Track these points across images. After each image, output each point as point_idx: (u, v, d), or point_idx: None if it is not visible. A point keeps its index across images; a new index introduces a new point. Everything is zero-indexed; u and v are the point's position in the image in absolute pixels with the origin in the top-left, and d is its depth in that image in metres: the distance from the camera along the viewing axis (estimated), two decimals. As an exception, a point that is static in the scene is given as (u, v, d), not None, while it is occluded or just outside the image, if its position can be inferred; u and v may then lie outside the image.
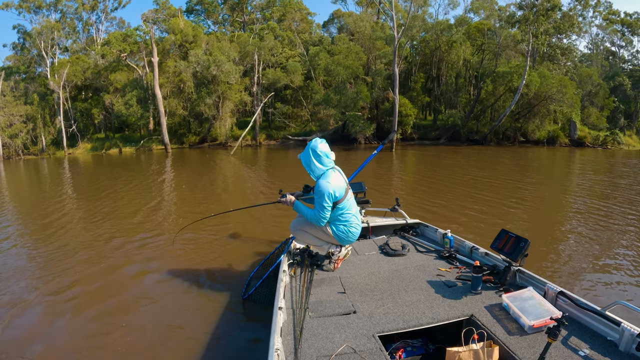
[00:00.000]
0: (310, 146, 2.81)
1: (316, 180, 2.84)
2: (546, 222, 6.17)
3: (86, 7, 31.65)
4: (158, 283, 3.88)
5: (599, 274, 3.96)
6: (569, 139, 27.02)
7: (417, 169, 13.95)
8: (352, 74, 23.30)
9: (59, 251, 4.88)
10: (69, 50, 31.90)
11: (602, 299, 3.32)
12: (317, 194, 2.75)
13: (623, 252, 4.65)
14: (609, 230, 5.58)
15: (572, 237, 5.27)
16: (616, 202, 7.51)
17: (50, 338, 2.92)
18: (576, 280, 3.84)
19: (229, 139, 24.95)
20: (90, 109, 27.90)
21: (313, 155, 2.79)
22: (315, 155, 2.79)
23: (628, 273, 4.00)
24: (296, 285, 2.66)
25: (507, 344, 1.89)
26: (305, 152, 2.85)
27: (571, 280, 3.83)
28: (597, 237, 5.24)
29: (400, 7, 27.20)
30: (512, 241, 2.55)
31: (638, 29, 32.60)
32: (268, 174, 12.49)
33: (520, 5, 24.54)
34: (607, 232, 5.48)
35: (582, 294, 3.43)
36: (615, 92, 30.15)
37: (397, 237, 3.63)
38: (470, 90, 28.28)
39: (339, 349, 1.90)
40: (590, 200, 7.76)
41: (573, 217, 6.42)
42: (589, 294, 3.50)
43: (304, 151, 2.86)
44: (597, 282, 3.77)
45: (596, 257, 4.46)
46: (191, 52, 24.01)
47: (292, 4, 30.56)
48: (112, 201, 8.22)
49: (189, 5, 31.67)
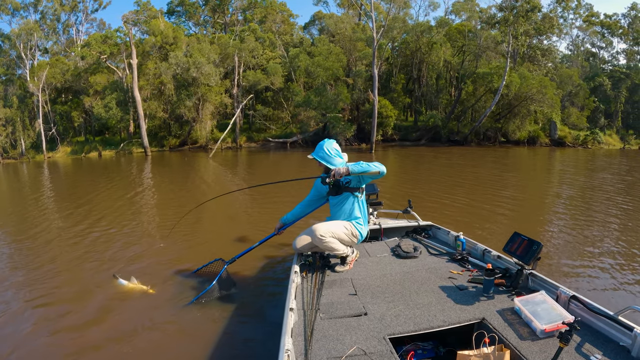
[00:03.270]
0: (324, 144, 3.05)
1: (340, 164, 3.02)
2: (549, 222, 6.15)
3: (66, 8, 31.20)
4: (156, 286, 3.77)
5: (611, 278, 3.89)
6: (550, 139, 27.30)
7: (399, 169, 14.00)
8: (332, 76, 23.29)
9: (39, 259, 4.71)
10: (49, 52, 31.44)
11: (614, 304, 3.25)
12: (359, 165, 2.90)
13: (637, 255, 4.54)
14: (620, 231, 5.49)
15: (574, 236, 5.20)
16: (620, 202, 7.49)
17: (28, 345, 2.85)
18: (587, 283, 3.75)
19: (209, 142, 24.77)
20: (70, 112, 27.52)
21: (332, 151, 3.04)
22: (335, 151, 3.05)
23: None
24: (307, 286, 2.67)
25: (519, 348, 1.87)
26: (320, 149, 3.06)
27: (582, 283, 3.76)
28: (606, 238, 5.15)
29: (381, 8, 27.29)
30: (524, 244, 2.51)
31: (618, 31, 33.05)
32: (251, 177, 12.21)
33: (501, 7, 24.75)
34: (617, 233, 5.40)
35: (594, 298, 3.35)
36: (596, 93, 30.53)
37: (409, 239, 3.61)
38: (451, 91, 28.46)
39: (349, 351, 1.90)
40: (585, 200, 7.79)
41: (573, 217, 6.40)
42: (601, 298, 3.43)
43: (320, 150, 3.05)
44: (609, 286, 3.71)
45: (608, 260, 4.37)
46: (171, 53, 23.79)
47: (275, 6, 30.46)
48: (82, 207, 8.04)
49: (170, 6, 31.41)
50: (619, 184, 10.11)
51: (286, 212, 3.44)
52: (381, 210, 4.07)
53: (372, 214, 3.96)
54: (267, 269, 4.16)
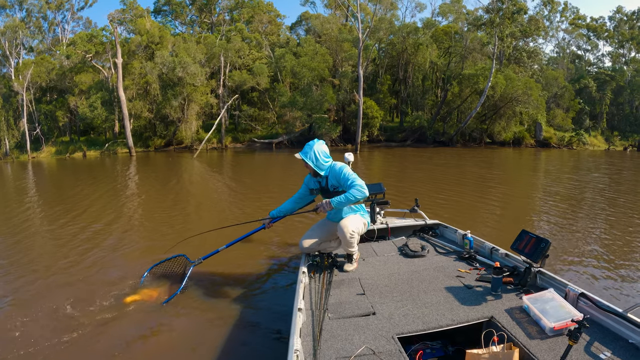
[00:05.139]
0: (314, 145, 3.03)
1: (324, 172, 3.04)
2: (556, 221, 6.17)
3: (52, 6, 30.89)
4: (155, 289, 3.71)
5: (620, 275, 3.89)
6: (535, 140, 27.52)
7: (383, 169, 14.08)
8: (318, 76, 23.28)
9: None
10: (34, 50, 31.11)
11: (623, 301, 3.27)
12: (343, 175, 2.94)
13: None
14: (627, 230, 5.53)
15: (581, 235, 5.21)
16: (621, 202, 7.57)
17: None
18: (595, 281, 3.77)
19: (194, 142, 24.64)
20: (55, 112, 27.21)
21: (320, 153, 3.02)
22: (324, 154, 3.04)
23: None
24: (315, 286, 2.66)
25: (528, 346, 1.87)
26: (309, 151, 3.02)
27: (590, 281, 3.76)
28: (614, 237, 5.17)
29: (369, 9, 27.36)
30: (532, 242, 2.50)
31: (603, 34, 33.43)
32: (236, 183, 11.87)
33: (487, 8, 24.91)
34: (625, 232, 5.42)
35: (603, 295, 3.34)
36: (581, 94, 30.84)
37: (417, 238, 3.59)
38: (437, 93, 28.59)
39: (358, 350, 1.89)
40: (571, 200, 7.85)
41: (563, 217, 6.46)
42: (610, 295, 3.44)
43: (307, 150, 3.02)
44: (618, 283, 3.70)
45: (616, 258, 4.37)
46: (157, 53, 23.64)
47: (262, 6, 30.39)
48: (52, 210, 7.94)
49: (157, 5, 31.22)
50: (614, 184, 10.32)
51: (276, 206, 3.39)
52: (388, 210, 4.05)
53: (379, 213, 3.94)
54: (275, 269, 4.15)
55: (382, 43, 26.43)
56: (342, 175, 2.93)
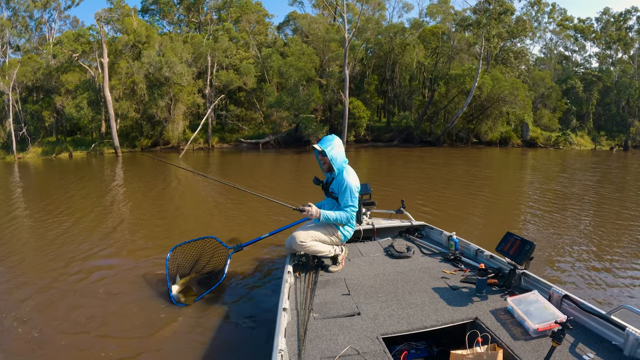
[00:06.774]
0: (334, 141, 2.95)
1: (337, 171, 2.97)
2: (545, 221, 6.22)
3: (38, 5, 30.62)
4: (143, 289, 3.72)
5: (603, 278, 3.92)
6: (522, 140, 27.73)
7: (369, 169, 14.10)
8: (304, 76, 23.26)
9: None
10: (20, 49, 30.83)
11: (607, 303, 3.30)
12: (344, 190, 2.90)
13: (629, 255, 4.57)
14: (611, 231, 5.58)
15: (568, 238, 5.26)
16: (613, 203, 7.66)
17: None
18: (580, 283, 3.81)
19: (181, 142, 24.51)
20: (41, 112, 26.96)
21: (339, 152, 2.95)
22: (341, 153, 2.97)
23: (633, 276, 3.98)
24: (300, 286, 2.65)
25: (512, 347, 1.87)
26: (331, 141, 2.94)
27: (575, 283, 3.79)
28: (600, 238, 5.23)
29: (357, 9, 27.38)
30: (517, 244, 2.51)
31: (590, 35, 33.71)
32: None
33: (475, 9, 25.03)
34: (609, 233, 5.48)
35: (587, 297, 3.38)
36: (568, 95, 31.09)
37: (402, 239, 3.62)
38: (424, 93, 28.70)
39: (342, 351, 1.89)
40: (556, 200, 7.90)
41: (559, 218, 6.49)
42: (594, 297, 3.46)
43: (329, 140, 2.94)
44: (602, 286, 3.74)
45: (600, 260, 4.42)
46: (144, 52, 23.50)
47: (250, 6, 30.30)
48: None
49: (145, 4, 31.01)
50: (605, 185, 10.45)
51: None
52: (374, 210, 4.07)
53: (365, 213, 3.97)
54: (260, 268, 4.14)
55: (369, 43, 26.46)
56: (343, 189, 2.92)
